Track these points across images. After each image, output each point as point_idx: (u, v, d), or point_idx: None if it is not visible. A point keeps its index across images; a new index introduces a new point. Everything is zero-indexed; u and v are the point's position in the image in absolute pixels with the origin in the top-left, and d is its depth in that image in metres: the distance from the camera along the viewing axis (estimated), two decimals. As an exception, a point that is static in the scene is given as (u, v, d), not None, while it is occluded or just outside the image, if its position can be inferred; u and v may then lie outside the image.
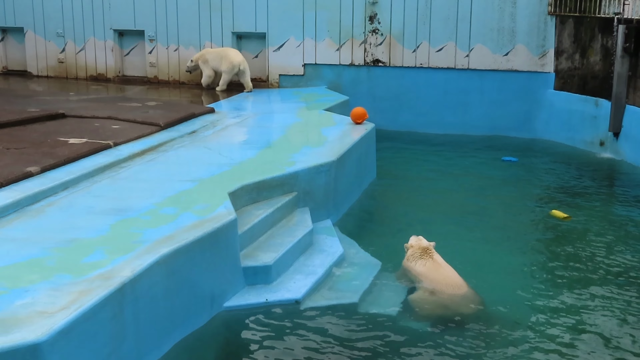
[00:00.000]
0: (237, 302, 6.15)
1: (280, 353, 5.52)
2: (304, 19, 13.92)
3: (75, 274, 4.89)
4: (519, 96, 13.31)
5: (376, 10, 13.60)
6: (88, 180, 7.31)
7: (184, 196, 6.75)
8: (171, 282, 5.35)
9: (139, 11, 14.70)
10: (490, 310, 6.21)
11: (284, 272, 6.65)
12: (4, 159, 7.51)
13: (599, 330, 5.91)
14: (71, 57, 15.33)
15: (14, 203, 6.34)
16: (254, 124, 10.57)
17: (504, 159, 11.74)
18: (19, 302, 4.46)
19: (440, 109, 13.63)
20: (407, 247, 6.95)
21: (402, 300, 6.40)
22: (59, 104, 10.93)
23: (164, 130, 9.53)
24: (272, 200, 7.51)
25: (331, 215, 8.22)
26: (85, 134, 8.79)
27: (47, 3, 15.23)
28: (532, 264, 7.41)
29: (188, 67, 14.06)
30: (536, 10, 12.99)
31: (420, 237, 7.03)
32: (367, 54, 13.78)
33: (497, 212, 9.14)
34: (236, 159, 8.27)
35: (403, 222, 8.63)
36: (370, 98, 13.53)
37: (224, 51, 13.78)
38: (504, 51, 13.20)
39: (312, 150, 8.85)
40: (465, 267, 6.87)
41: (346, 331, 5.84)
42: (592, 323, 6.04)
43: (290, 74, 14.22)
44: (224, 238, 6.04)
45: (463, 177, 10.76)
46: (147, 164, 7.97)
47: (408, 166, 11.40)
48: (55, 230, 5.81)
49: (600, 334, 5.85)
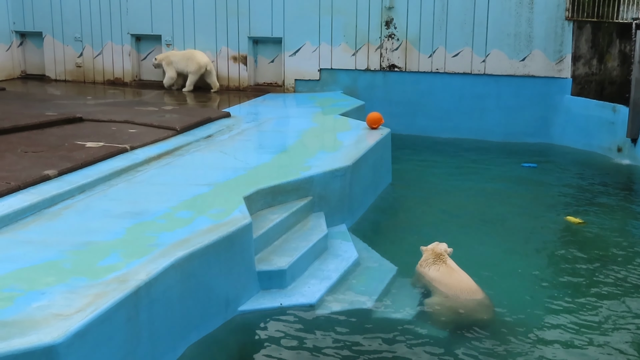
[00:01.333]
0: (251, 306, 6.15)
1: (294, 357, 5.52)
2: (320, 24, 13.95)
3: (91, 277, 4.91)
4: (535, 102, 13.24)
5: (392, 15, 13.60)
6: (105, 183, 7.35)
7: (200, 200, 6.78)
8: (186, 286, 5.36)
9: (156, 16, 14.79)
10: (504, 316, 6.18)
11: (299, 277, 6.64)
12: (22, 162, 7.57)
13: (614, 339, 5.86)
14: (89, 61, 15.45)
15: (32, 206, 6.39)
16: (270, 129, 10.59)
17: (524, 165, 11.66)
18: (36, 304, 4.49)
19: (456, 114, 13.59)
20: (423, 250, 6.93)
21: (417, 305, 6.38)
22: (77, 107, 11.01)
23: (180, 134, 9.57)
24: (287, 204, 7.52)
25: (346, 220, 8.22)
26: (102, 138, 8.84)
27: (65, 8, 15.36)
28: (548, 270, 7.37)
29: (153, 64, 14.57)
30: (553, 16, 12.93)
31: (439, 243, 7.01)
32: (383, 59, 13.78)
33: (512, 217, 9.09)
34: (251, 163, 8.29)
35: (418, 227, 8.61)
36: (386, 103, 13.52)
37: (189, 53, 14.30)
38: (521, 56, 13.15)
39: (328, 155, 8.86)
40: (480, 272, 6.85)
41: (360, 336, 5.83)
42: (607, 331, 5.99)
43: (306, 79, 14.24)
44: (239, 242, 6.05)
45: (478, 183, 10.72)
46: (163, 168, 8.01)
47: (423, 171, 11.37)
48: (71, 233, 5.85)
49: (616, 343, 5.80)
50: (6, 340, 4.03)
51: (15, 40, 15.86)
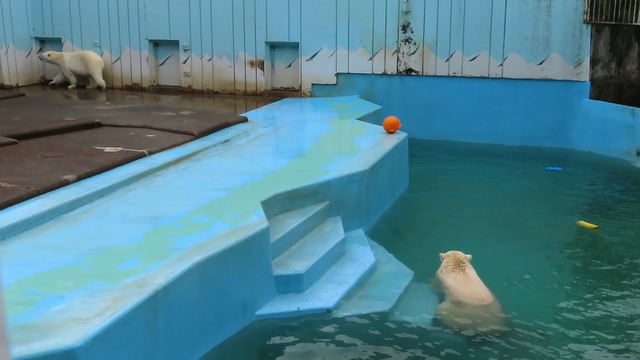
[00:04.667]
0: (269, 310, 6.16)
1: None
2: (336, 29, 13.96)
3: (110, 281, 4.95)
4: (553, 105, 13.16)
5: (409, 19, 13.58)
6: (123, 188, 7.40)
7: (217, 205, 6.80)
8: (204, 290, 5.39)
9: (173, 21, 14.87)
10: (516, 323, 6.13)
11: (316, 281, 6.65)
12: (42, 167, 7.64)
13: (629, 346, 5.81)
14: (107, 66, 15.55)
15: (51, 210, 6.44)
16: (287, 133, 10.61)
17: (548, 168, 11.56)
18: (55, 308, 4.53)
19: (473, 118, 13.54)
20: (442, 257, 6.93)
21: (433, 310, 6.36)
22: (95, 113, 11.09)
23: (197, 139, 9.62)
24: (305, 209, 7.52)
25: (363, 225, 8.21)
26: (121, 143, 8.90)
27: (84, 14, 15.48)
28: (564, 277, 7.32)
29: (43, 57, 15.01)
30: (571, 19, 12.86)
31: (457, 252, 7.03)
32: (399, 63, 13.76)
33: (529, 222, 9.04)
34: (269, 168, 8.31)
35: (435, 231, 8.59)
36: (403, 107, 13.49)
37: (82, 54, 15.03)
38: (539, 60, 13.08)
39: (345, 159, 8.86)
40: (495, 278, 6.83)
41: (378, 340, 5.82)
42: (621, 339, 5.93)
43: (322, 84, 14.25)
44: (256, 246, 6.07)
45: (496, 187, 10.67)
46: (180, 173, 8.05)
47: (440, 175, 11.34)
48: (90, 238, 5.90)
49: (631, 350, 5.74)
50: (26, 343, 4.07)
51: (35, 46, 16.00)
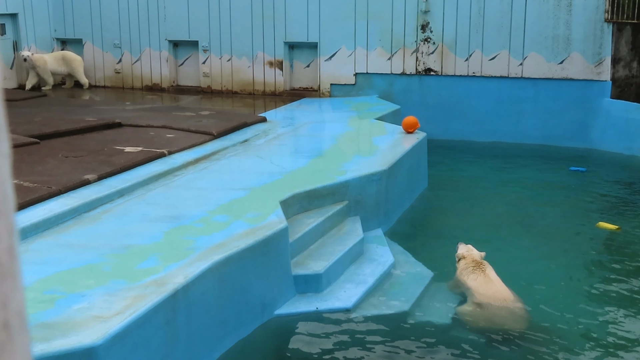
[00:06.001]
0: (287, 310, 6.17)
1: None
2: (355, 29, 13.95)
3: (130, 280, 4.98)
4: (574, 105, 13.06)
5: (428, 19, 13.54)
6: (143, 188, 7.45)
7: (236, 204, 6.83)
8: (223, 289, 5.41)
9: (193, 22, 14.94)
10: (538, 325, 6.10)
11: (335, 281, 6.65)
12: (63, 167, 7.71)
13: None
14: (127, 67, 15.66)
15: (72, 210, 6.50)
16: (306, 133, 10.62)
17: (572, 168, 11.48)
18: (76, 306, 4.57)
19: (493, 118, 13.47)
20: (459, 257, 6.89)
21: (453, 311, 6.34)
22: (116, 113, 11.17)
23: (216, 139, 9.66)
24: (323, 209, 7.53)
25: (382, 224, 8.20)
26: (141, 143, 8.96)
27: (105, 15, 15.61)
28: (584, 277, 7.25)
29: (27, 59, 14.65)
30: (592, 18, 12.75)
31: (470, 246, 6.96)
32: (418, 62, 13.73)
33: (549, 222, 8.98)
34: (287, 168, 8.32)
35: (454, 231, 8.54)
36: (422, 107, 13.45)
37: (62, 54, 15.15)
38: (559, 59, 12.99)
39: (363, 159, 8.85)
40: (515, 278, 6.78)
41: (396, 341, 5.81)
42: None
43: (341, 83, 14.25)
44: (275, 246, 6.08)
45: (515, 187, 10.61)
46: (200, 173, 8.08)
47: (460, 175, 11.29)
48: (110, 237, 5.94)
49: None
50: (48, 341, 4.11)
51: (56, 47, 16.15)
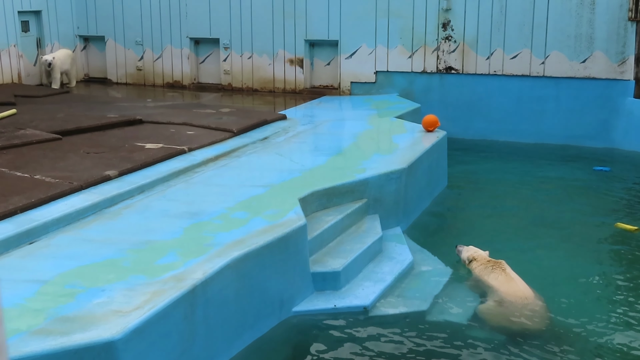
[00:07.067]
0: (305, 307, 6.18)
1: (347, 359, 5.52)
2: (376, 27, 13.92)
3: (150, 275, 5.02)
4: (596, 104, 12.94)
5: (449, 17, 13.48)
6: (163, 184, 7.49)
7: (255, 201, 6.85)
8: (241, 286, 5.43)
9: (214, 20, 15.00)
10: (560, 324, 6.06)
11: (353, 279, 6.65)
12: (85, 163, 7.78)
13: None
14: (149, 64, 15.76)
15: (93, 205, 6.56)
16: (325, 131, 10.63)
17: (596, 168, 11.37)
18: (96, 300, 4.61)
19: (514, 117, 13.38)
20: (469, 259, 6.95)
21: (471, 310, 6.31)
22: (137, 110, 11.24)
23: (236, 136, 9.69)
24: (342, 206, 7.53)
25: (401, 223, 8.18)
26: (161, 140, 9.01)
27: (127, 13, 15.71)
28: (604, 277, 7.18)
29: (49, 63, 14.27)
30: (615, 16, 12.62)
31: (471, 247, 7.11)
32: (439, 61, 13.68)
33: (569, 222, 8.90)
34: (307, 165, 8.33)
35: (474, 230, 8.52)
36: (442, 106, 13.39)
37: (68, 52, 14.92)
38: (582, 58, 12.88)
39: (383, 157, 8.84)
40: (534, 277, 6.74)
41: (414, 339, 5.80)
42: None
43: (361, 82, 14.23)
44: (293, 243, 6.09)
45: (536, 187, 10.53)
46: (220, 169, 8.12)
47: (480, 175, 11.24)
48: (131, 232, 5.99)
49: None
50: (68, 335, 4.16)
51: (79, 44, 16.29)
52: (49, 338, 4.12)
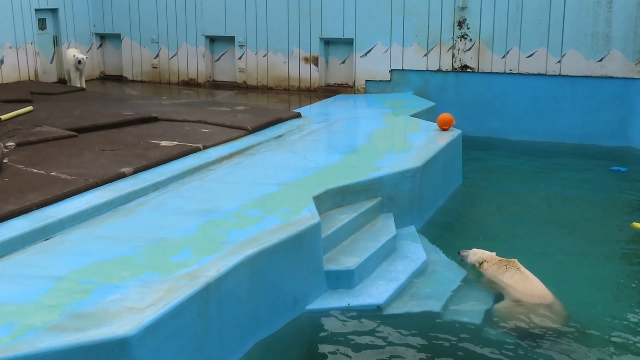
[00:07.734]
0: (319, 305, 6.18)
1: (360, 357, 5.52)
2: (391, 25, 13.89)
3: (164, 272, 5.04)
4: (613, 103, 12.83)
5: (465, 15, 13.42)
6: (178, 181, 7.52)
7: (269, 199, 6.85)
8: (255, 283, 5.44)
9: (229, 18, 15.02)
10: (576, 323, 6.03)
11: (367, 277, 6.64)
12: (100, 160, 7.82)
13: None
14: (164, 62, 15.81)
15: (108, 202, 6.59)
16: (340, 129, 10.61)
17: (612, 168, 11.28)
18: (110, 297, 4.64)
19: (529, 115, 13.30)
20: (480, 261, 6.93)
21: (486, 309, 6.29)
22: (152, 107, 11.28)
23: (251, 134, 9.70)
24: (356, 205, 7.52)
25: (415, 222, 8.16)
26: (176, 137, 9.04)
27: (143, 11, 15.77)
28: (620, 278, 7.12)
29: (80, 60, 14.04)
30: (633, 15, 12.52)
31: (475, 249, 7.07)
32: (455, 59, 13.62)
33: (584, 222, 8.84)
34: (321, 164, 8.32)
35: (488, 229, 8.49)
36: (458, 104, 13.34)
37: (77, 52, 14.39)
38: (598, 57, 12.78)
39: (397, 156, 8.81)
40: (550, 277, 6.70)
41: (428, 339, 5.78)
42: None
43: (376, 80, 14.20)
44: (307, 241, 6.09)
45: (551, 186, 10.47)
46: (234, 167, 8.13)
47: (495, 174, 11.18)
48: (145, 230, 6.01)
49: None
50: (82, 331, 4.18)
51: (95, 42, 16.39)
52: (64, 334, 4.14)
